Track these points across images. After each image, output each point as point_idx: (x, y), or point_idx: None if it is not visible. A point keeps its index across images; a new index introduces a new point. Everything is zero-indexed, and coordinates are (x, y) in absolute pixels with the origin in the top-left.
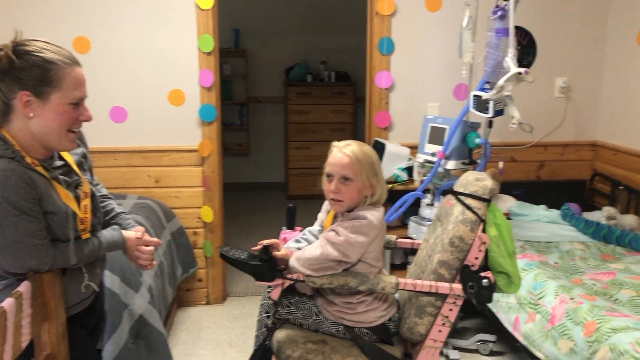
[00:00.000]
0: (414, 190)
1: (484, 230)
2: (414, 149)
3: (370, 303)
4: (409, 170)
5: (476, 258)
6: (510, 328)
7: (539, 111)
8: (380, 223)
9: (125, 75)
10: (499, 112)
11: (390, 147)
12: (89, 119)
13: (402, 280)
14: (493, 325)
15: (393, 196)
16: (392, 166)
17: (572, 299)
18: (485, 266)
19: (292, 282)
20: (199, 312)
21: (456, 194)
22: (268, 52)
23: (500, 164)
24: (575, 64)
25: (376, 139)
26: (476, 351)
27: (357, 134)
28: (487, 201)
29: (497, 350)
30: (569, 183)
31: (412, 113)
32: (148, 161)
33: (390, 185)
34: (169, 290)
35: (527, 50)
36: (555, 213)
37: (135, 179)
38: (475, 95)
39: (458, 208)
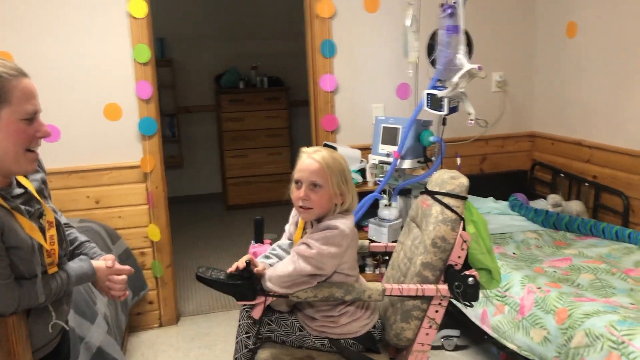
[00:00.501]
0: (369, 192)
1: (464, 228)
2: (364, 150)
3: (353, 313)
4: (362, 172)
5: (459, 257)
6: (478, 322)
7: (479, 106)
8: (352, 231)
9: (55, 91)
10: (453, 109)
11: (342, 149)
12: (46, 135)
13: (388, 286)
14: (455, 320)
15: None
16: None
17: (539, 288)
18: (465, 264)
19: (274, 298)
20: (152, 335)
21: (433, 193)
22: (195, 60)
23: (458, 160)
24: (510, 59)
25: (326, 142)
26: (441, 347)
27: (293, 139)
28: (464, 199)
29: (462, 345)
30: (511, 174)
31: (358, 114)
32: (86, 181)
33: None
34: (122, 317)
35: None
36: (503, 204)
37: (74, 201)
38: (429, 94)
39: (437, 208)
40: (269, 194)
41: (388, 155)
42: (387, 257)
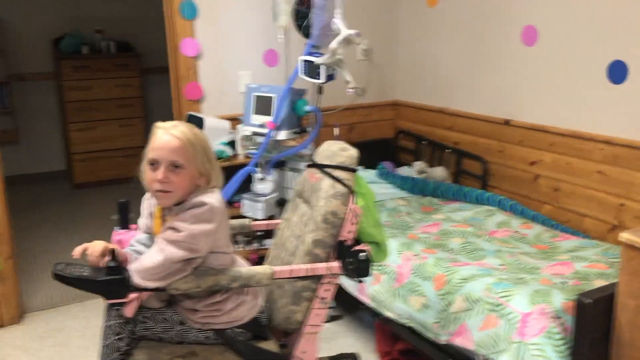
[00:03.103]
0: (241, 165)
1: (354, 203)
2: (233, 120)
3: (237, 297)
4: (232, 144)
5: (349, 232)
6: (355, 293)
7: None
8: (222, 205)
9: None
10: (330, 77)
11: (209, 121)
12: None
13: (277, 268)
14: None
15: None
16: (213, 141)
17: (415, 255)
18: (355, 238)
19: (151, 293)
20: None
21: (322, 166)
22: (29, 20)
23: (336, 130)
24: (374, 27)
25: (190, 113)
26: None
27: (147, 110)
28: (354, 171)
29: (335, 315)
30: (377, 143)
31: (224, 82)
32: None
33: None
34: None
35: None
36: (371, 173)
37: None
38: (305, 61)
39: (327, 182)
40: (122, 170)
41: (262, 126)
42: (259, 233)
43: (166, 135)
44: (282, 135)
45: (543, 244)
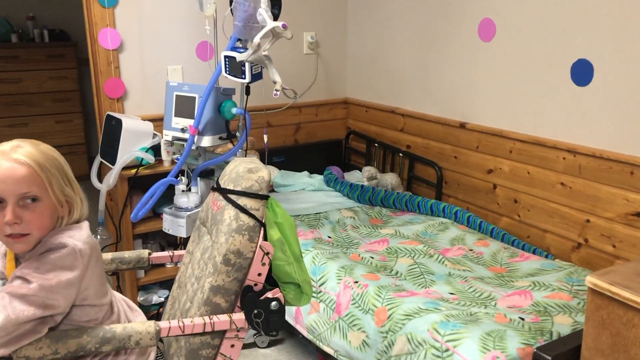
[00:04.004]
0: (165, 173)
1: (265, 237)
2: (158, 122)
3: (117, 354)
4: (156, 149)
5: (259, 274)
6: (292, 321)
7: (290, 70)
8: (90, 244)
9: None
10: (256, 76)
11: (128, 123)
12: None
13: (163, 324)
14: None
15: (141, 184)
16: (133, 147)
17: (356, 282)
18: (269, 278)
19: None
20: None
21: (225, 192)
22: None
23: (265, 138)
24: (322, 18)
25: (109, 113)
26: (254, 345)
27: (86, 104)
28: (265, 198)
29: (277, 339)
30: (326, 144)
31: (151, 78)
32: None
33: (134, 171)
34: None
35: (272, 3)
36: (318, 179)
37: None
38: (226, 57)
39: (230, 212)
40: None
41: (183, 130)
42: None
43: (6, 161)
44: (206, 141)
45: (500, 265)
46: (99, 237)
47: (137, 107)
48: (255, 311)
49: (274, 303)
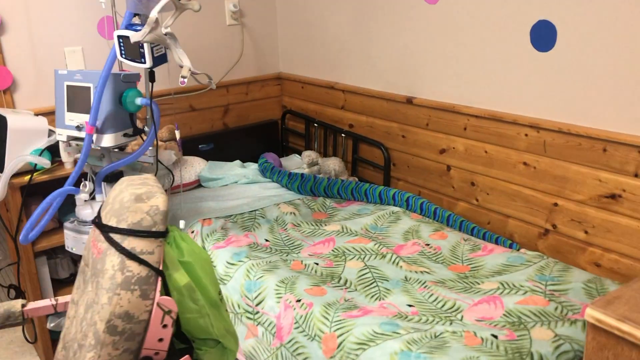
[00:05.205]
0: (67, 178)
1: (167, 288)
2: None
3: None
4: (54, 149)
5: (160, 340)
6: None
7: (212, 45)
8: None
9: None
10: (160, 59)
11: (15, 120)
12: None
13: None
14: None
15: (41, 190)
16: (24, 150)
17: (298, 300)
18: (178, 333)
19: None
20: None
21: (106, 230)
22: None
23: (177, 134)
24: None
25: None
26: None
27: None
28: (162, 235)
29: None
30: (260, 126)
31: (45, 64)
32: None
33: (28, 178)
34: None
35: None
36: (252, 169)
37: None
38: (120, 37)
39: (113, 259)
40: None
41: (79, 128)
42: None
43: None
44: (107, 140)
45: (462, 262)
46: None
47: (31, 100)
48: None
49: None
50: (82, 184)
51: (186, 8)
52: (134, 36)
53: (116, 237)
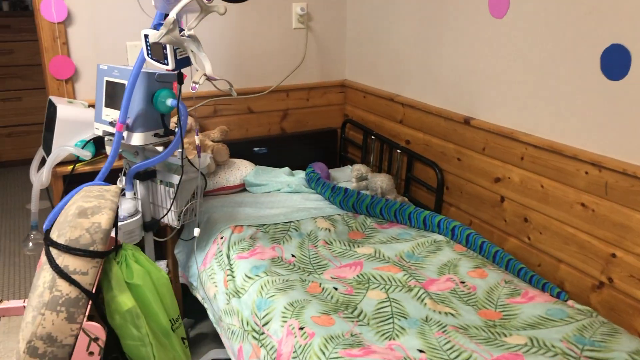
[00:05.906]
0: (110, 171)
1: (102, 312)
2: None
3: None
4: (99, 142)
5: None
6: (233, 358)
7: (275, 48)
8: None
9: None
10: (184, 62)
11: (65, 111)
12: None
13: None
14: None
15: (84, 181)
16: (69, 139)
17: (301, 328)
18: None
19: None
20: None
21: (47, 243)
22: None
23: (197, 139)
24: None
25: (51, 98)
26: None
27: None
28: (99, 256)
29: None
30: (318, 134)
31: (107, 57)
32: None
33: (71, 167)
34: None
35: None
36: (299, 178)
37: None
38: (147, 36)
39: (47, 274)
40: None
41: (112, 124)
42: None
43: None
44: (137, 139)
45: (495, 308)
46: (30, 244)
47: (89, 91)
48: None
49: None
50: (118, 179)
51: (212, 10)
52: (152, 36)
53: (54, 252)
